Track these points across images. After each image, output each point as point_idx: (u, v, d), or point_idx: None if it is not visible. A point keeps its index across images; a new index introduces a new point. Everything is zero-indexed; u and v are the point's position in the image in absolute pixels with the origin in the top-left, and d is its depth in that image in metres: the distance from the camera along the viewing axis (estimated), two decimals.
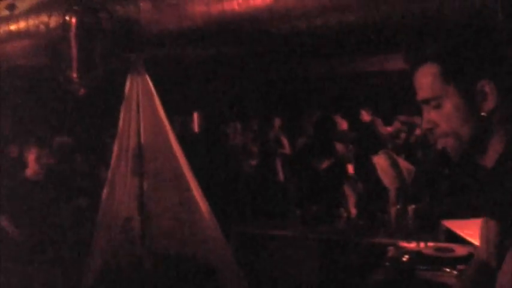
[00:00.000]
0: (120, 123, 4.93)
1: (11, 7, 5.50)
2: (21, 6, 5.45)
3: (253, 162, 7.45)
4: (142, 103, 4.90)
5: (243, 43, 4.44)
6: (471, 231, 2.81)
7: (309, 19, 3.79)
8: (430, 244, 3.06)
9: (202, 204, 5.00)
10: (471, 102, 1.41)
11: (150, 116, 4.94)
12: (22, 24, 5.32)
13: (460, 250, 2.83)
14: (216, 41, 4.48)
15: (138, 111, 4.89)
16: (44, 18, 5.08)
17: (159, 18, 4.39)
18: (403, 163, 5.18)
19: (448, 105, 1.43)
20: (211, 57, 5.35)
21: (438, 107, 1.45)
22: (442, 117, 1.45)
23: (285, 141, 8.46)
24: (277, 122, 8.81)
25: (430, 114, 1.48)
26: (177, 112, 6.95)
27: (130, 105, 4.91)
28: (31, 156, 4.35)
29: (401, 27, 3.83)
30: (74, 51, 4.37)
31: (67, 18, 4.40)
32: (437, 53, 1.45)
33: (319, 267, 4.76)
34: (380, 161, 5.04)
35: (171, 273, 4.79)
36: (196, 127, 7.95)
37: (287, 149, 8.42)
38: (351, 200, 5.30)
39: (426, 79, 1.47)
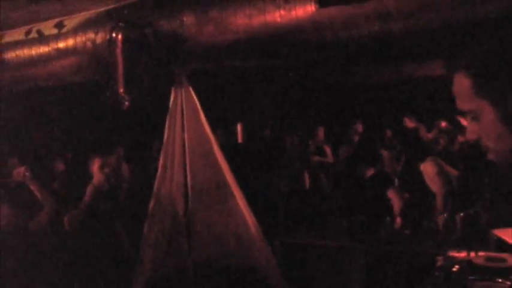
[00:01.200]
0: (165, 135, 5.01)
1: (59, 25, 5.68)
2: (69, 24, 5.63)
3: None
4: (187, 115, 4.97)
5: (285, 54, 4.46)
6: None
7: (351, 28, 3.79)
8: (481, 254, 2.99)
9: (247, 215, 5.02)
10: (508, 120, 1.34)
11: (194, 127, 5.01)
12: (70, 42, 5.49)
13: None
14: (258, 52, 4.51)
15: (182, 123, 4.96)
16: (91, 35, 5.23)
17: (202, 31, 4.46)
18: (450, 170, 5.09)
19: (485, 120, 1.37)
20: (254, 69, 5.39)
21: (476, 119, 1.40)
22: (481, 130, 1.40)
23: (328, 151, 8.43)
24: (320, 131, 8.78)
25: (473, 125, 1.42)
26: (220, 123, 7.02)
27: (175, 117, 4.98)
28: (95, 166, 4.45)
29: (443, 35, 3.80)
30: (120, 66, 4.48)
31: (113, 34, 4.52)
32: (469, 62, 1.39)
33: (366, 278, 4.71)
34: (427, 168, 4.97)
35: (216, 283, 4.82)
36: (239, 138, 7.99)
37: (330, 158, 8.39)
38: (396, 209, 5.24)
39: (460, 89, 1.41)
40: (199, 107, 5.00)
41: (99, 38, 5.06)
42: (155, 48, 4.56)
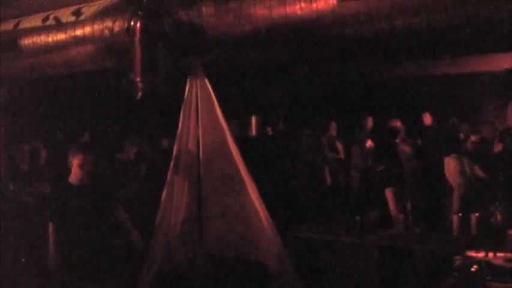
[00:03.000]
0: (180, 125, 5.00)
1: (77, 13, 5.67)
2: (87, 11, 5.62)
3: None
4: (201, 106, 4.95)
5: (304, 47, 4.42)
6: None
7: (373, 22, 3.74)
8: (499, 254, 2.97)
9: (260, 208, 4.99)
10: None
11: (208, 118, 4.99)
12: (87, 29, 5.48)
13: None
14: (277, 44, 4.47)
15: (197, 114, 4.94)
16: (109, 23, 5.22)
17: (221, 22, 4.43)
18: (477, 171, 5.06)
19: None
20: (271, 61, 5.35)
21: None
22: None
23: (339, 146, 8.35)
24: (332, 127, 8.67)
25: None
26: (235, 115, 6.99)
27: (190, 108, 4.97)
28: (75, 162, 4.36)
29: (467, 32, 3.75)
30: (138, 55, 4.46)
31: (132, 23, 4.50)
32: None
33: (378, 275, 4.67)
34: (450, 164, 4.95)
35: (227, 276, 4.81)
36: (254, 130, 7.95)
37: (341, 154, 8.32)
38: (392, 207, 5.21)
39: None
40: (214, 98, 4.97)
41: (117, 26, 5.05)
42: (173, 38, 4.54)
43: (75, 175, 4.19)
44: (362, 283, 4.75)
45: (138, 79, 4.52)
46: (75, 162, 4.18)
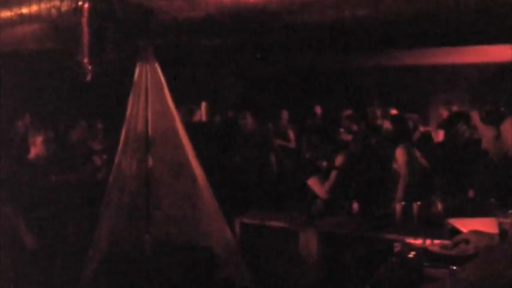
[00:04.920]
0: (128, 109, 4.95)
1: None
2: None
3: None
4: (151, 90, 4.91)
5: (254, 34, 4.42)
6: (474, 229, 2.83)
7: (322, 11, 3.77)
8: (437, 241, 3.06)
9: (208, 194, 5.01)
10: None
11: (158, 103, 4.96)
12: (34, 8, 5.30)
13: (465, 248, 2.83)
14: (227, 30, 4.46)
15: (146, 98, 4.90)
16: (56, 2, 5.06)
17: (172, 6, 4.38)
18: (421, 160, 5.18)
19: None
20: (222, 47, 5.34)
21: None
22: None
23: (291, 135, 8.41)
24: (284, 114, 8.71)
25: None
26: (185, 101, 6.95)
27: (139, 92, 4.92)
28: (38, 139, 4.33)
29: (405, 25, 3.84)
30: (86, 36, 4.36)
31: (80, 3, 4.39)
32: None
33: (322, 261, 4.76)
34: (398, 154, 5.05)
35: (173, 261, 4.81)
36: (203, 116, 7.92)
37: (292, 143, 8.38)
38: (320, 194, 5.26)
39: None
40: (164, 83, 4.94)
41: (65, 5, 4.92)
42: (122, 19, 4.46)
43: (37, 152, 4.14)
44: (306, 269, 4.83)
45: (86, 60, 4.43)
46: (38, 139, 4.13)
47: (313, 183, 5.16)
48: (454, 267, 2.55)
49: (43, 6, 5.19)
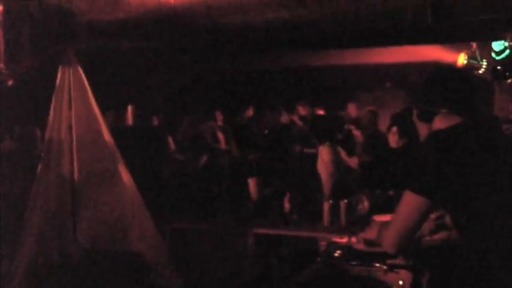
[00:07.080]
0: (51, 114, 4.80)
1: None
2: None
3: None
4: (74, 95, 4.79)
5: (178, 36, 4.38)
6: None
7: (245, 14, 3.78)
8: (361, 237, 3.11)
9: (136, 199, 4.92)
10: None
11: (82, 108, 4.84)
12: None
13: None
14: (150, 33, 4.40)
15: (69, 103, 4.77)
16: None
17: (92, 8, 4.27)
18: (345, 158, 5.26)
19: None
20: (147, 50, 5.26)
21: None
22: None
23: (221, 137, 8.36)
24: (218, 116, 8.65)
25: None
26: (110, 105, 6.80)
27: (62, 96, 4.79)
28: None
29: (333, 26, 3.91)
30: (1, 40, 4.19)
31: None
32: None
33: (252, 262, 4.77)
34: (323, 153, 5.09)
35: (101, 270, 4.69)
36: (130, 120, 7.77)
37: (222, 144, 8.34)
38: (286, 195, 5.31)
39: None
40: (88, 87, 4.83)
41: None
42: (40, 22, 4.30)
43: None
44: (236, 271, 4.83)
45: (2, 66, 4.25)
46: None
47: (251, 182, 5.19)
48: (378, 265, 2.60)
49: None
